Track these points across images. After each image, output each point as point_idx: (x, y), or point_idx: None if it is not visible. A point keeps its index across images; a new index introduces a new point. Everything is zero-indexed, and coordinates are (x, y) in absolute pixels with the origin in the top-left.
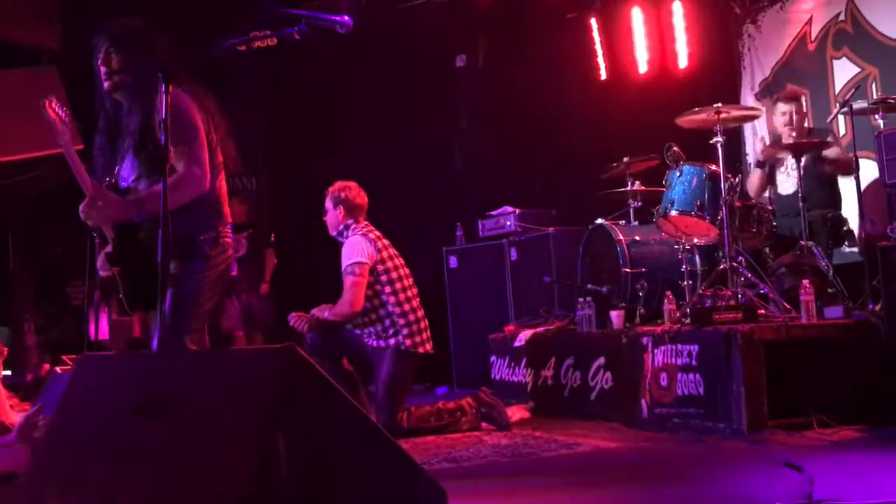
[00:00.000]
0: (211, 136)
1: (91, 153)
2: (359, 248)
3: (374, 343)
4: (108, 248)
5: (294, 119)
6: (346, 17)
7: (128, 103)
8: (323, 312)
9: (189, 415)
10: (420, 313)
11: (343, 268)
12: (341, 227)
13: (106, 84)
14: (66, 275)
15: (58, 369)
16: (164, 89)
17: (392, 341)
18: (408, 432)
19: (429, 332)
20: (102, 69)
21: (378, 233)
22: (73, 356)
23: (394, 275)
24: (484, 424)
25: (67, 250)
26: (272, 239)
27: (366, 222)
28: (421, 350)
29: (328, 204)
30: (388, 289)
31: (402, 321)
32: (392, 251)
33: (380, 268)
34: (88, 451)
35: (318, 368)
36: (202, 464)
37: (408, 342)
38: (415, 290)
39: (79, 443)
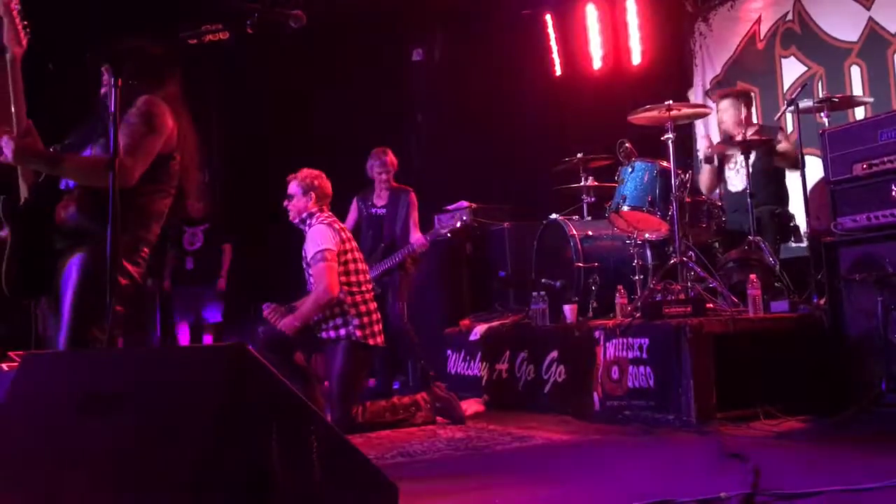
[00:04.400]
0: (174, 156)
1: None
2: (326, 235)
3: (325, 335)
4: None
5: (249, 113)
6: (299, 12)
7: (102, 97)
8: (296, 321)
9: (135, 413)
10: (372, 306)
11: (311, 255)
12: (305, 214)
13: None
14: None
15: (3, 366)
16: (113, 83)
17: (343, 332)
18: (362, 426)
19: (381, 325)
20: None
21: (341, 224)
22: (19, 352)
23: (350, 267)
24: (439, 419)
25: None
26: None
27: (329, 212)
28: (371, 342)
29: (295, 190)
30: (342, 279)
31: (352, 311)
32: (353, 244)
33: (340, 258)
34: (32, 450)
35: (268, 366)
36: (148, 463)
37: (357, 333)
38: (370, 285)
39: (22, 441)
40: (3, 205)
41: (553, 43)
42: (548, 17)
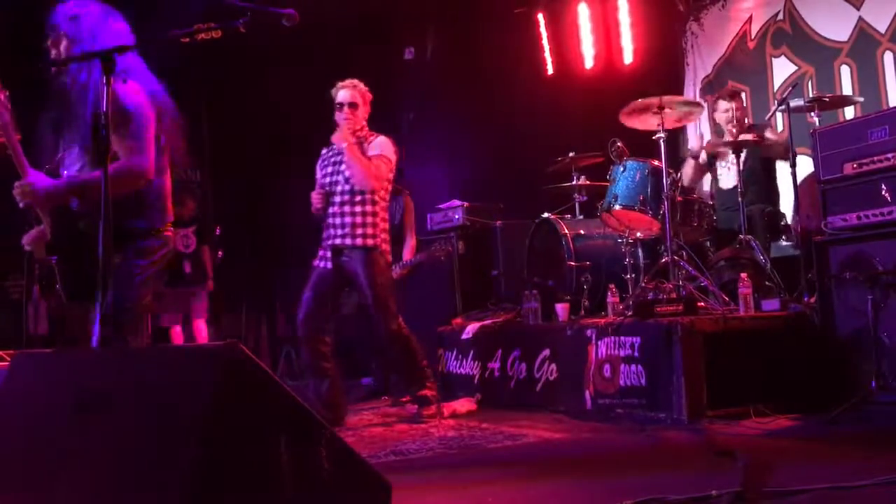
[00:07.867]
0: (160, 137)
1: (33, 138)
2: (393, 152)
3: (352, 242)
4: (38, 230)
5: (238, 113)
6: (292, 10)
7: (77, 90)
8: (347, 141)
9: (126, 413)
10: (387, 226)
11: (377, 153)
12: (360, 125)
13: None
14: (4, 268)
15: None
16: (104, 80)
17: (370, 241)
18: (407, 339)
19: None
20: (52, 52)
21: None
22: (11, 351)
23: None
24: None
25: (5, 243)
26: (216, 233)
27: None
28: (389, 258)
29: (358, 98)
30: (385, 185)
31: (381, 225)
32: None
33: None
34: (22, 450)
35: (261, 365)
36: (142, 462)
37: (383, 246)
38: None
39: (12, 441)
40: (46, 247)
41: (545, 42)
42: (540, 17)
